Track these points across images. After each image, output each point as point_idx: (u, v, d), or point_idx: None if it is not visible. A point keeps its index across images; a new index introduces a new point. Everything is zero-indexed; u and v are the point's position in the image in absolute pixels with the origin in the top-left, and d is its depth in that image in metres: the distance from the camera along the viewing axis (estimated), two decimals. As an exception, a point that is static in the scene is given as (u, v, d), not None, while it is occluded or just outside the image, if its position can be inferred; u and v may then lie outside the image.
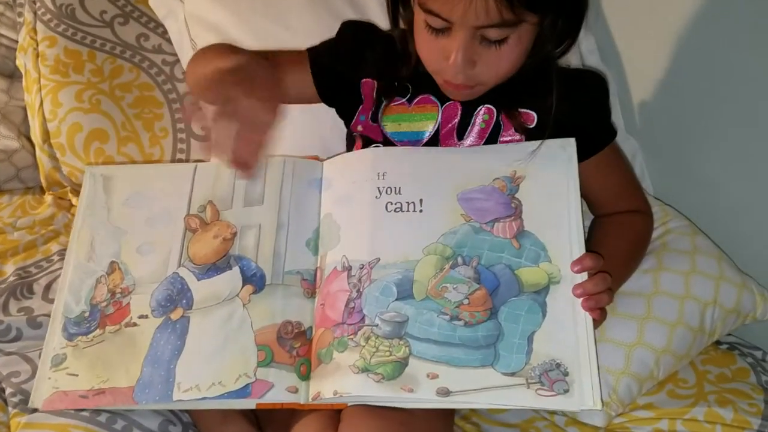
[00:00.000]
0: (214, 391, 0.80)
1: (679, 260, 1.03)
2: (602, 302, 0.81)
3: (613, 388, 0.93)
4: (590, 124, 0.96)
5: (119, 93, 1.28)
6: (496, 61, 0.84)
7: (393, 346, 0.80)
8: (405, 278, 0.84)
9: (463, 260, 0.84)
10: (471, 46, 0.82)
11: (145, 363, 0.83)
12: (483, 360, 0.79)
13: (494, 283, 0.83)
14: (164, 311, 0.86)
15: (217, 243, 0.89)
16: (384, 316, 0.82)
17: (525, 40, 0.84)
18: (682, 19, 1.08)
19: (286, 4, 1.24)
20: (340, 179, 0.92)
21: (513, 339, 0.80)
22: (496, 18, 0.79)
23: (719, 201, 1.12)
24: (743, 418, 0.92)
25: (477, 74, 0.86)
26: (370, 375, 0.79)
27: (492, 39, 0.82)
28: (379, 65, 0.97)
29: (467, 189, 0.88)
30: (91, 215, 0.93)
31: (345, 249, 0.87)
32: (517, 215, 0.86)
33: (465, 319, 0.81)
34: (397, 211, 0.88)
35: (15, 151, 1.31)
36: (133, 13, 1.36)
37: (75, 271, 0.90)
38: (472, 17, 0.79)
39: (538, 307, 0.81)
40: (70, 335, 0.86)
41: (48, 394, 0.83)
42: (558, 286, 0.82)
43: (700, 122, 1.11)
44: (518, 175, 0.88)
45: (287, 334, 0.83)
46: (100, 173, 0.96)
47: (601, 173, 0.98)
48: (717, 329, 1.01)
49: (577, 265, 0.82)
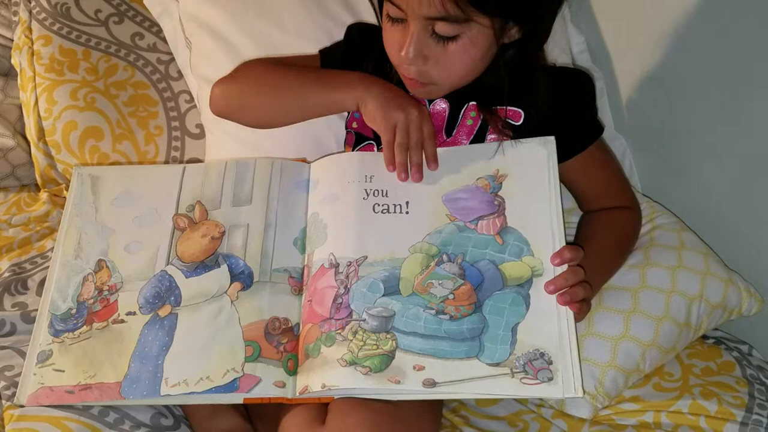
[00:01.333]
0: (202, 386, 0.81)
1: (666, 255, 1.04)
2: (577, 295, 0.82)
3: (599, 380, 0.95)
4: (577, 121, 0.97)
5: (114, 91, 1.29)
6: (447, 59, 0.86)
7: (380, 339, 0.82)
8: (392, 275, 0.86)
9: (449, 257, 0.86)
10: (422, 38, 0.85)
11: (132, 359, 0.84)
12: (468, 351, 0.81)
13: (479, 279, 0.85)
14: (152, 308, 0.87)
15: (206, 242, 0.90)
16: (371, 311, 0.84)
17: (478, 43, 0.86)
18: (671, 18, 1.08)
19: (279, 3, 1.25)
20: (327, 179, 0.94)
21: (497, 331, 0.82)
22: (441, 11, 0.81)
23: (707, 198, 1.13)
24: (727, 410, 0.94)
25: (428, 71, 0.88)
26: (358, 368, 0.80)
27: (443, 35, 0.84)
28: (378, 63, 0.99)
29: (452, 190, 0.90)
30: (79, 214, 0.94)
31: (332, 246, 0.88)
32: (500, 212, 0.88)
33: (450, 313, 0.83)
34: (384, 212, 0.90)
35: (10, 149, 1.32)
36: (127, 12, 1.37)
37: (61, 269, 0.91)
38: (423, 7, 0.81)
39: (522, 299, 0.83)
40: (56, 332, 0.87)
41: (33, 390, 0.84)
42: (541, 278, 0.84)
43: (689, 121, 1.12)
44: (501, 173, 0.90)
45: (275, 330, 0.85)
46: (88, 173, 0.97)
47: (589, 170, 0.99)
48: (703, 324, 1.02)
49: (557, 258, 0.84)
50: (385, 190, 0.91)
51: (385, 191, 0.91)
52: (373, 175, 0.92)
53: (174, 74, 1.34)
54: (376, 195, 0.91)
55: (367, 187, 0.91)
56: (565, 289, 0.83)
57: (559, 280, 0.82)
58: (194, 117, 1.31)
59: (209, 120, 1.25)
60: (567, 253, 0.84)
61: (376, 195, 0.91)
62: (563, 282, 0.82)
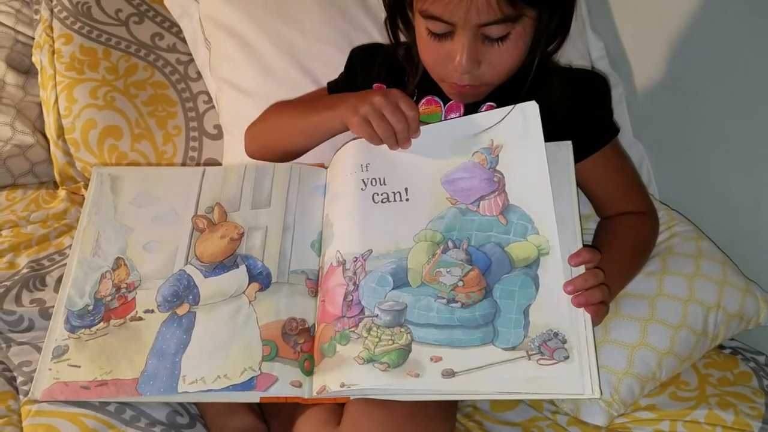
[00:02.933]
0: (219, 384, 0.81)
1: (683, 264, 1.04)
2: (594, 298, 0.82)
3: (615, 388, 0.94)
4: (591, 121, 0.97)
5: (133, 91, 1.30)
6: (500, 58, 0.86)
7: (395, 334, 0.82)
8: (399, 267, 0.85)
9: (454, 243, 0.86)
10: (474, 45, 0.84)
11: (150, 356, 0.84)
12: (483, 338, 0.81)
13: (486, 263, 0.84)
14: (170, 306, 0.88)
15: (225, 243, 0.91)
16: (383, 305, 0.83)
17: (525, 35, 0.86)
18: (690, 24, 1.08)
19: (299, 6, 1.25)
20: (332, 179, 0.95)
21: (510, 315, 0.81)
22: (498, 14, 0.81)
23: (725, 207, 1.12)
24: (744, 421, 0.93)
25: (482, 74, 0.87)
26: (376, 365, 0.80)
27: (494, 36, 0.84)
28: (388, 79, 1.00)
29: (449, 170, 0.89)
30: (97, 213, 0.95)
31: (338, 244, 0.88)
32: (500, 189, 0.87)
33: (461, 300, 0.83)
34: (384, 201, 0.89)
35: (30, 146, 1.33)
36: (148, 12, 1.38)
37: (79, 266, 0.92)
38: (474, 15, 0.81)
39: (531, 280, 0.83)
40: (72, 327, 0.88)
41: (48, 385, 0.84)
42: (548, 257, 0.83)
43: (707, 128, 1.12)
44: (496, 144, 0.89)
45: (291, 330, 0.85)
46: (107, 173, 0.98)
47: (604, 171, 0.99)
48: (720, 333, 1.02)
49: (575, 258, 0.83)
50: (382, 178, 0.90)
51: (382, 179, 0.90)
52: (369, 163, 0.91)
53: (193, 75, 1.35)
54: (374, 184, 0.90)
55: (364, 177, 0.91)
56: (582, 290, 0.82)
57: (579, 281, 0.82)
58: (212, 118, 1.32)
59: (227, 121, 1.26)
60: (585, 254, 0.83)
61: (374, 184, 0.90)
62: (582, 283, 0.82)
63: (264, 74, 1.23)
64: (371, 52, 1.05)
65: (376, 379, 0.79)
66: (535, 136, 0.87)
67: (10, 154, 1.31)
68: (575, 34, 1.29)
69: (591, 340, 0.80)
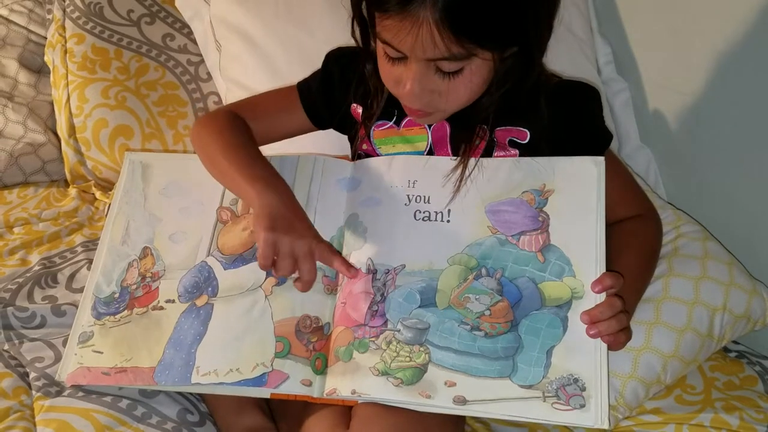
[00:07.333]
0: (231, 377, 0.82)
1: (689, 265, 1.03)
2: (610, 329, 0.80)
3: (620, 392, 0.94)
4: (582, 133, 0.95)
5: (144, 91, 1.31)
6: (453, 91, 0.84)
7: (413, 352, 0.82)
8: (429, 286, 0.85)
9: (487, 272, 0.85)
10: (425, 75, 0.82)
11: (167, 345, 0.85)
12: (501, 371, 0.80)
13: (516, 296, 0.83)
14: (190, 297, 0.88)
15: (246, 235, 0.91)
16: (406, 322, 0.83)
17: (483, 70, 0.83)
18: (698, 29, 1.09)
19: (308, 8, 1.26)
20: (369, 181, 0.93)
21: (532, 352, 0.80)
22: (445, 52, 0.79)
23: (732, 209, 1.12)
24: (749, 425, 0.93)
25: (433, 102, 0.85)
26: (390, 379, 0.80)
27: (446, 70, 0.81)
28: (363, 89, 0.98)
29: (495, 201, 0.88)
30: (128, 202, 0.96)
31: (371, 252, 0.88)
32: (543, 228, 0.86)
33: (485, 329, 0.82)
34: (425, 219, 0.89)
35: (41, 144, 1.34)
36: (159, 13, 1.39)
37: (109, 254, 0.93)
38: (420, 50, 0.79)
39: (559, 321, 0.81)
40: (98, 314, 0.89)
41: (73, 369, 0.86)
42: (581, 301, 0.82)
43: (714, 133, 1.12)
44: (547, 188, 0.88)
45: (305, 328, 0.85)
46: (139, 160, 0.99)
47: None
48: (726, 334, 1.02)
49: (597, 285, 0.82)
50: (427, 197, 0.90)
51: (427, 197, 0.90)
52: (416, 180, 0.91)
53: (203, 76, 1.36)
54: (419, 201, 0.90)
55: (410, 193, 0.90)
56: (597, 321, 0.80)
57: (594, 313, 0.80)
58: (222, 118, 1.32)
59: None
60: (608, 280, 0.82)
61: (419, 201, 0.90)
62: (598, 315, 0.80)
63: (273, 75, 1.24)
64: (349, 64, 1.00)
65: (387, 393, 0.80)
66: (590, 188, 0.86)
67: (22, 152, 1.32)
68: (584, 39, 1.30)
69: (605, 368, 0.79)
